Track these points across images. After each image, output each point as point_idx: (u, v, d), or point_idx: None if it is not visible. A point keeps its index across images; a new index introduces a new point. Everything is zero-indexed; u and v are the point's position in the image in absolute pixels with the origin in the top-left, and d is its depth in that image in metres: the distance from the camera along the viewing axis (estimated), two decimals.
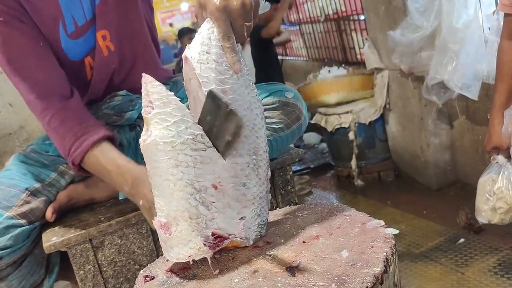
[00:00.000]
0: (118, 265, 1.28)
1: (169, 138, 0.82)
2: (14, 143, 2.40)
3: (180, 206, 0.84)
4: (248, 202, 0.89)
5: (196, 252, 0.85)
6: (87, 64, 1.37)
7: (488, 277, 2.17)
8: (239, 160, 0.87)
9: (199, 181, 0.83)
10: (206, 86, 0.84)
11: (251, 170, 0.89)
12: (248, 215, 0.89)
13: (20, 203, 1.28)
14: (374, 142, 3.43)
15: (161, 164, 0.83)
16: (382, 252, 0.77)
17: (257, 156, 0.90)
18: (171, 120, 0.82)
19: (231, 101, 0.85)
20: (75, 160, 1.23)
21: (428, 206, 2.91)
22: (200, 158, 0.83)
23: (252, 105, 0.89)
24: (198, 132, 0.83)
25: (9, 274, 1.26)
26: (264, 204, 0.92)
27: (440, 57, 2.55)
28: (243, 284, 0.79)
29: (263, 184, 0.92)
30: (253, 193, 0.89)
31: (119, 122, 1.43)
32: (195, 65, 0.84)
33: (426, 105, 2.94)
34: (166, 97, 0.83)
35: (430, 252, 2.48)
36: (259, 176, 0.90)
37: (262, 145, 0.91)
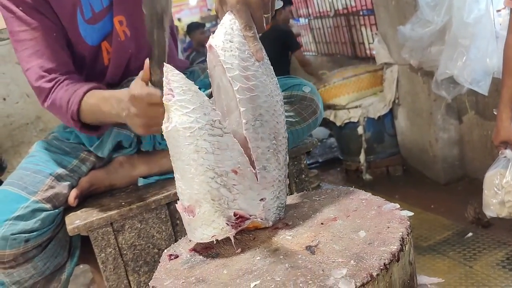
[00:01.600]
0: (137, 248, 1.32)
1: (188, 124, 0.85)
2: (31, 133, 2.44)
3: (202, 189, 0.87)
4: (268, 185, 0.93)
5: (219, 232, 0.89)
6: (104, 49, 1.41)
7: (496, 271, 2.19)
8: (260, 143, 0.90)
9: (219, 166, 0.87)
10: (230, 72, 0.87)
11: (271, 154, 0.92)
12: (268, 197, 0.93)
13: (45, 188, 1.32)
14: (382, 137, 3.45)
15: (183, 150, 0.87)
16: (398, 232, 0.81)
17: (277, 141, 0.94)
18: (190, 107, 0.85)
19: (254, 87, 0.88)
20: (73, 115, 1.26)
21: (436, 200, 2.93)
22: (217, 144, 0.86)
23: (272, 92, 0.92)
24: (216, 118, 0.86)
25: (35, 256, 1.31)
26: (283, 187, 0.96)
27: (450, 52, 2.57)
28: (264, 261, 0.82)
29: (282, 168, 0.95)
30: (272, 176, 0.93)
31: None
32: (220, 53, 0.88)
33: (435, 100, 2.96)
34: (185, 85, 0.86)
35: (438, 245, 2.51)
36: (278, 161, 0.94)
37: (282, 131, 0.95)
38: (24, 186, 1.31)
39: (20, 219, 1.26)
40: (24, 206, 1.28)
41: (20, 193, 1.30)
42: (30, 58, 1.29)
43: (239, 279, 0.79)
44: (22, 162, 1.41)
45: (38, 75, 1.28)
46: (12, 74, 2.37)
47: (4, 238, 1.24)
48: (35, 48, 1.29)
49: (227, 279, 0.80)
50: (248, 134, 0.90)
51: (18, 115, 2.43)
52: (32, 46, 1.29)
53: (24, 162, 1.40)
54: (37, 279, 1.35)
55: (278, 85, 0.96)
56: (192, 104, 0.85)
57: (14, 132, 2.43)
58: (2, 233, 1.24)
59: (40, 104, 1.35)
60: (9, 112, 2.41)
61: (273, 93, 0.93)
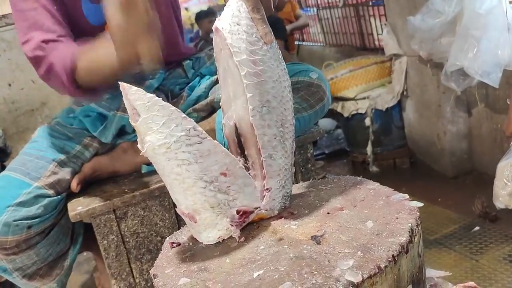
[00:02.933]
0: (140, 236, 1.31)
1: (162, 140, 0.80)
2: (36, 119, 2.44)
3: (197, 200, 0.84)
4: (274, 173, 0.90)
5: (224, 233, 0.87)
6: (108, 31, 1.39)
7: (502, 265, 2.16)
8: (267, 131, 0.88)
9: (207, 174, 0.83)
10: (237, 56, 0.85)
11: (278, 142, 0.90)
12: (273, 187, 0.91)
13: (48, 174, 1.31)
14: (390, 129, 3.42)
15: (165, 166, 0.83)
16: (407, 223, 0.78)
17: (284, 129, 0.91)
18: (159, 122, 0.79)
19: (261, 72, 0.86)
20: (67, 73, 1.21)
21: (444, 193, 2.90)
22: (198, 152, 0.81)
23: (280, 77, 0.90)
24: (189, 126, 0.81)
25: (38, 242, 1.30)
26: (289, 176, 0.94)
27: (461, 43, 2.53)
28: (268, 251, 0.81)
29: (289, 156, 0.93)
30: (278, 165, 0.91)
31: None
32: (226, 35, 0.85)
33: (444, 92, 2.92)
34: (148, 101, 0.80)
35: (444, 239, 2.48)
36: (285, 149, 0.92)
37: (289, 118, 0.92)
38: (26, 172, 1.30)
39: (23, 205, 1.25)
40: (27, 192, 1.27)
41: (23, 179, 1.29)
42: (29, 29, 1.26)
43: (241, 268, 0.77)
44: (25, 148, 1.39)
45: (36, 45, 1.25)
46: (17, 60, 2.36)
47: (7, 224, 1.23)
48: (35, 18, 1.26)
49: (230, 268, 0.78)
50: (255, 121, 0.87)
51: (23, 101, 2.42)
52: (32, 16, 1.26)
53: (27, 148, 1.39)
54: (39, 266, 1.34)
55: (286, 70, 0.94)
56: (161, 118, 0.80)
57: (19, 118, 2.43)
58: (5, 219, 1.23)
59: (37, 74, 1.30)
60: (14, 98, 2.41)
61: (280, 78, 0.90)
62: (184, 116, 0.81)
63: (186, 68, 1.55)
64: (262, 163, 0.88)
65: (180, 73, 1.54)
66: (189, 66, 1.55)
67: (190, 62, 1.56)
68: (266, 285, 0.70)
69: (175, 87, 1.53)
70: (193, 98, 1.48)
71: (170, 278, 0.80)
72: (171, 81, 1.53)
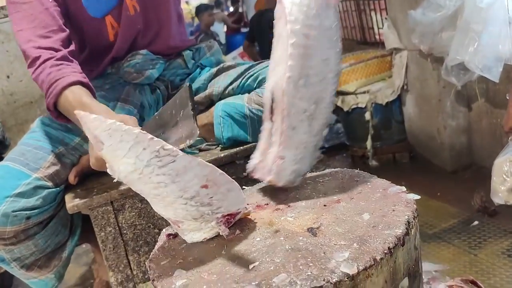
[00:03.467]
0: (138, 228, 1.31)
1: (132, 168, 0.75)
2: (35, 111, 2.43)
3: (178, 214, 0.82)
4: (292, 145, 0.89)
5: (211, 234, 0.86)
6: (108, 24, 1.38)
7: (501, 259, 2.16)
8: (297, 102, 0.87)
9: (186, 191, 0.79)
10: (292, 24, 0.84)
11: (305, 117, 0.89)
12: (287, 157, 0.89)
13: (47, 165, 1.31)
14: (390, 123, 3.41)
15: (142, 189, 0.81)
16: (404, 215, 0.78)
17: (317, 108, 0.90)
18: (125, 148, 0.74)
19: (309, 47, 0.85)
20: (49, 105, 1.22)
21: (443, 188, 2.90)
22: (173, 171, 0.76)
23: (329, 59, 0.89)
24: (158, 147, 0.74)
25: (36, 233, 1.30)
26: (307, 155, 0.91)
27: (462, 37, 2.51)
28: (265, 243, 0.80)
29: (314, 136, 0.91)
30: (300, 139, 0.89)
31: (139, 80, 1.46)
32: (287, 5, 0.86)
33: (444, 87, 2.91)
34: (109, 127, 0.74)
35: (443, 233, 2.48)
36: (311, 127, 0.90)
37: (327, 100, 0.91)
38: (25, 163, 1.30)
39: (22, 196, 1.25)
40: (26, 183, 1.27)
41: (22, 170, 1.28)
42: (22, 21, 1.26)
43: (237, 260, 0.77)
44: (24, 138, 1.39)
45: (28, 38, 1.25)
46: (16, 52, 2.35)
47: (5, 215, 1.23)
48: (29, 12, 1.25)
49: (226, 259, 0.78)
50: (288, 89, 0.86)
51: (21, 93, 2.41)
52: (25, 9, 1.25)
53: (25, 138, 1.39)
54: (38, 257, 1.34)
55: (340, 56, 0.93)
56: (126, 144, 0.74)
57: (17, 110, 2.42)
58: (3, 209, 1.22)
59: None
60: (13, 90, 2.39)
61: (329, 60, 0.89)
62: (151, 137, 0.75)
63: (186, 59, 1.54)
64: (283, 131, 0.87)
65: (180, 64, 1.54)
66: (189, 57, 1.55)
67: (190, 53, 1.56)
68: (261, 277, 0.70)
69: (176, 77, 1.53)
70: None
71: (165, 269, 0.79)
72: (171, 72, 1.53)
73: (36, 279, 1.38)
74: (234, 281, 0.71)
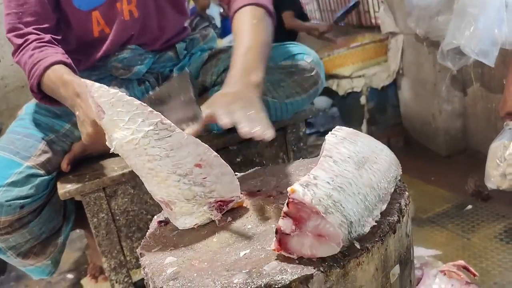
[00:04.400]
0: (130, 214, 1.30)
1: (130, 137, 0.78)
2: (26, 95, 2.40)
3: (172, 193, 0.83)
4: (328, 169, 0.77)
5: (202, 220, 0.86)
6: (94, 19, 1.34)
7: (493, 243, 2.18)
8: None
9: (180, 167, 0.80)
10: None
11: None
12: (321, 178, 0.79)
13: (38, 153, 1.29)
14: (385, 107, 3.40)
15: (136, 162, 0.81)
16: (396, 202, 0.78)
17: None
18: (125, 118, 0.77)
19: None
20: (32, 86, 1.22)
21: (437, 172, 2.90)
22: (169, 146, 0.78)
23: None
24: (156, 120, 0.77)
25: (30, 221, 1.29)
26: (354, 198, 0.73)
27: (458, 21, 2.49)
28: (256, 230, 0.80)
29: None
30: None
31: (127, 75, 1.42)
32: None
33: (440, 71, 2.90)
34: (112, 97, 0.77)
35: (437, 217, 2.49)
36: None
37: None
38: (16, 151, 1.28)
39: (15, 185, 1.24)
40: (18, 171, 1.25)
41: (13, 158, 1.27)
42: (11, 3, 1.23)
43: (228, 247, 0.76)
44: (12, 126, 1.37)
45: (13, 26, 1.23)
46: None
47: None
48: None
49: (217, 247, 0.78)
50: None
51: (12, 77, 2.38)
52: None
53: (14, 126, 1.37)
54: (33, 244, 1.33)
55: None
56: (126, 114, 0.77)
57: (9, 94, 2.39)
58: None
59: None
60: (4, 74, 2.36)
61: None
62: (151, 110, 0.78)
63: (179, 51, 1.51)
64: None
65: (171, 56, 1.51)
66: (182, 48, 1.52)
67: (184, 44, 1.52)
68: (252, 264, 0.70)
69: (165, 69, 1.49)
70: None
71: (156, 257, 0.79)
72: (161, 65, 1.49)
73: (32, 266, 1.38)
74: (225, 269, 0.70)
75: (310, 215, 0.66)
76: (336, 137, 0.82)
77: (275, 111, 1.35)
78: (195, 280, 0.69)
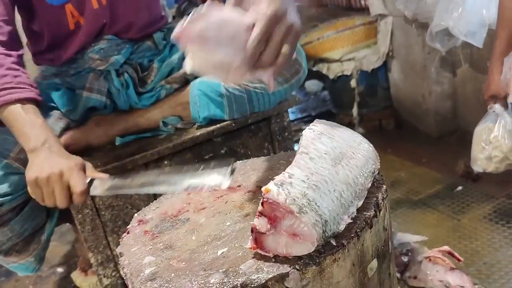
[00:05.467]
0: (115, 209, 1.30)
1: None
2: None
3: None
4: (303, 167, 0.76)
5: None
6: (68, 12, 1.33)
7: (483, 223, 2.19)
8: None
9: None
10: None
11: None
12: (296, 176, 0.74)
13: (17, 150, 1.27)
14: (376, 90, 3.39)
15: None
16: (373, 197, 0.78)
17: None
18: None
19: None
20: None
21: (428, 154, 2.91)
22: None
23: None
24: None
25: (11, 219, 1.28)
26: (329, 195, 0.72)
27: (446, 3, 2.47)
28: (234, 227, 0.80)
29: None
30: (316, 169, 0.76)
31: (104, 66, 1.41)
32: None
33: (429, 53, 2.89)
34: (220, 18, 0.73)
35: (428, 199, 2.50)
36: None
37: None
38: None
39: None
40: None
41: None
42: None
43: (206, 246, 0.76)
44: None
45: None
46: None
47: None
48: None
49: (195, 245, 0.78)
50: None
51: None
52: None
53: None
54: (15, 241, 1.33)
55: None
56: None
57: None
58: None
59: None
60: None
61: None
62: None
63: (157, 41, 1.49)
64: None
65: (149, 46, 1.49)
66: (160, 38, 1.50)
67: (162, 34, 1.50)
68: (229, 263, 0.70)
69: (144, 59, 1.48)
70: (165, 70, 1.44)
71: (135, 256, 0.79)
72: (139, 55, 1.48)
73: (16, 264, 1.37)
74: (202, 269, 0.70)
75: (285, 214, 0.66)
76: (313, 132, 0.81)
77: (258, 101, 1.35)
78: (173, 281, 0.69)
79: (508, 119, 1.91)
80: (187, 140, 1.31)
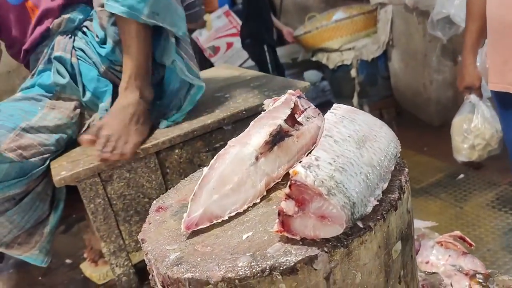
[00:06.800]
0: (127, 198, 1.29)
1: None
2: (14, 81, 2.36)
3: None
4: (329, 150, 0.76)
5: None
6: (29, 9, 1.36)
7: (485, 211, 2.21)
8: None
9: None
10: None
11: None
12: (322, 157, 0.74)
13: (8, 141, 1.24)
14: (376, 79, 3.40)
15: None
16: (396, 179, 0.78)
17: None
18: None
19: None
20: None
21: (429, 142, 2.93)
22: None
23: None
24: None
25: (8, 209, 1.26)
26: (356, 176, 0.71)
27: None
28: (257, 212, 0.80)
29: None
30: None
31: (65, 26, 1.39)
32: None
33: (430, 41, 2.89)
34: None
35: (430, 187, 2.52)
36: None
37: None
38: None
39: None
40: None
41: None
42: None
43: (230, 231, 0.76)
44: None
45: None
46: None
47: None
48: None
49: (218, 230, 0.77)
50: None
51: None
52: None
53: None
54: (16, 234, 1.31)
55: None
56: None
57: None
58: None
59: None
60: None
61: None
62: None
63: None
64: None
65: None
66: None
67: None
68: (255, 247, 0.70)
69: None
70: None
71: (158, 242, 0.79)
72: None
73: (20, 256, 1.35)
74: (229, 252, 0.70)
75: (313, 196, 0.65)
76: (335, 116, 0.81)
77: None
78: (199, 265, 0.69)
79: (484, 107, 1.95)
80: (197, 128, 1.31)
